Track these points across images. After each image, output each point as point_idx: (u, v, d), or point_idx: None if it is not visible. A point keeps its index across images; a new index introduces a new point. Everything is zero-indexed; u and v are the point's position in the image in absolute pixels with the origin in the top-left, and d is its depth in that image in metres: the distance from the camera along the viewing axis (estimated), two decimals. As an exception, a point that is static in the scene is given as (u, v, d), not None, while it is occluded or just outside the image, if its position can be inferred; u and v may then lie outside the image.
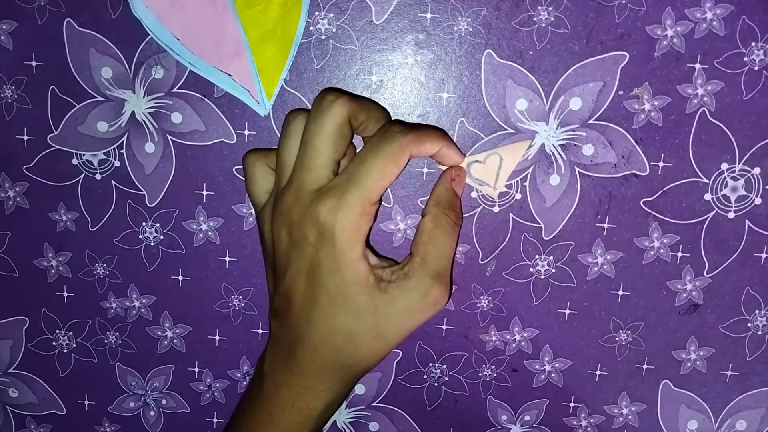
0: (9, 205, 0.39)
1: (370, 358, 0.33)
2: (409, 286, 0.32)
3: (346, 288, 0.32)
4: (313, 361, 0.33)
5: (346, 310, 0.32)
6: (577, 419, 0.41)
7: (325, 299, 0.32)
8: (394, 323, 0.33)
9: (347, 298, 0.32)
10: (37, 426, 0.43)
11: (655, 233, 0.37)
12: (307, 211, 0.31)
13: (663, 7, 0.34)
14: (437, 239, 0.34)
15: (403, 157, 0.31)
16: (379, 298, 0.32)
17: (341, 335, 0.32)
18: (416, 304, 0.32)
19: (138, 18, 0.36)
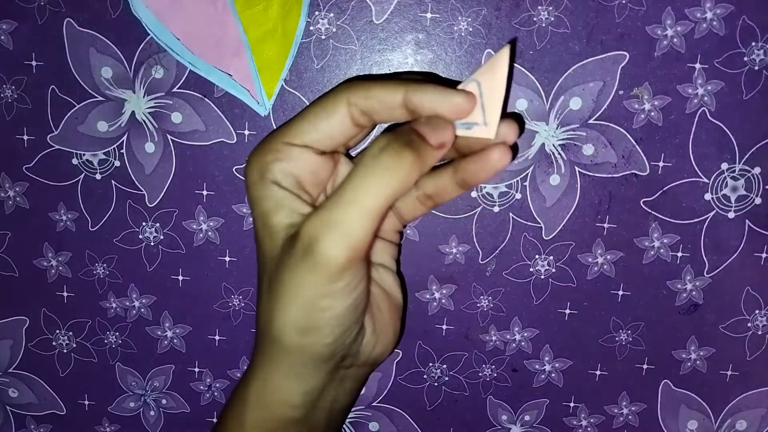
0: (9, 205, 0.39)
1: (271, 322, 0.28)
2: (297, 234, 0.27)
3: (256, 229, 0.29)
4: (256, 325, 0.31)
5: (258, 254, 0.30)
6: (577, 419, 0.41)
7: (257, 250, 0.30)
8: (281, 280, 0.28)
9: (257, 239, 0.29)
10: (37, 426, 0.43)
11: (655, 233, 0.37)
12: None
13: (663, 7, 0.34)
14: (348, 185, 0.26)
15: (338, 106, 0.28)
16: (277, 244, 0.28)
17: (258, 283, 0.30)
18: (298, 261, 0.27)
19: (138, 18, 0.36)
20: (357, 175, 0.26)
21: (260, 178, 0.29)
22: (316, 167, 0.29)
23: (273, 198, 0.28)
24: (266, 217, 0.29)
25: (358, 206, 0.25)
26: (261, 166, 0.29)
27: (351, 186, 0.26)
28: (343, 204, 0.26)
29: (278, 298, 0.28)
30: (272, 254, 0.29)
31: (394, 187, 0.26)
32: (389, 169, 0.26)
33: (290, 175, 0.29)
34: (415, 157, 0.26)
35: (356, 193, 0.26)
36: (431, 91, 0.27)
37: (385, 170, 0.26)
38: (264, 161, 0.29)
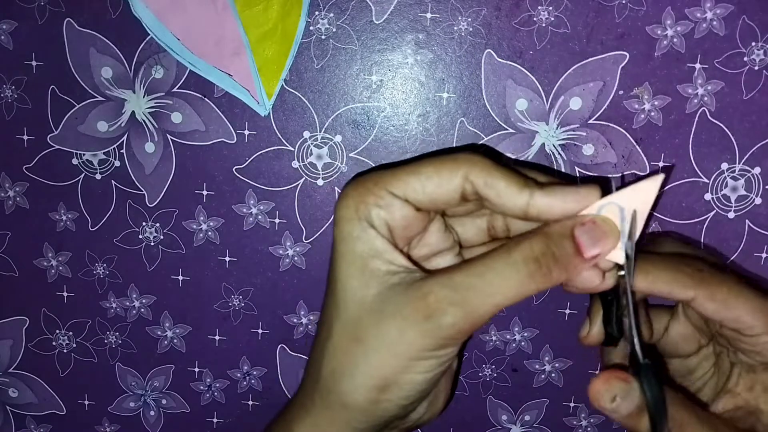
0: (9, 205, 0.39)
1: (342, 371, 0.27)
2: (413, 285, 0.26)
3: (338, 268, 0.28)
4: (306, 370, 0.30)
5: (333, 292, 0.28)
6: (577, 419, 0.41)
7: (326, 288, 0.29)
8: (374, 325, 0.27)
9: (338, 281, 0.28)
10: (37, 426, 0.43)
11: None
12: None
13: (663, 7, 0.34)
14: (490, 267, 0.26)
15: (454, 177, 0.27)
16: (372, 290, 0.27)
17: (324, 329, 0.29)
18: (406, 307, 0.26)
19: (138, 18, 0.36)
20: (505, 270, 0.26)
21: (357, 217, 0.28)
22: (411, 222, 0.28)
23: (369, 242, 0.27)
24: (361, 259, 0.27)
25: (493, 300, 0.25)
26: (359, 207, 0.28)
27: (495, 278, 0.26)
28: (479, 291, 0.26)
29: (369, 349, 0.27)
30: (362, 298, 0.27)
31: (531, 292, 0.26)
32: (534, 278, 0.25)
33: (386, 224, 0.28)
34: (562, 274, 0.26)
35: (496, 287, 0.25)
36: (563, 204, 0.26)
37: (530, 278, 0.25)
38: (364, 202, 0.28)
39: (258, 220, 0.39)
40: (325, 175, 0.38)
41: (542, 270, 0.25)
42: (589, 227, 0.26)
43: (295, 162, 0.38)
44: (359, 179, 0.29)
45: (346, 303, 0.28)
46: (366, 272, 0.27)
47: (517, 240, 0.26)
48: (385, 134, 0.37)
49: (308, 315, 0.40)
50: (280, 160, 0.38)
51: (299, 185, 0.38)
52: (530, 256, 0.26)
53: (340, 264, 0.28)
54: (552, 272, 0.25)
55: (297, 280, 0.39)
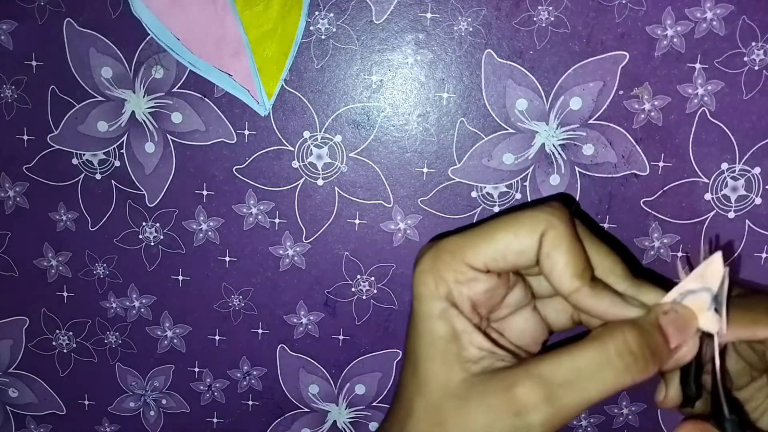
0: (9, 205, 0.39)
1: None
2: (499, 374, 0.25)
3: (419, 347, 0.26)
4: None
5: (413, 371, 0.27)
6: (577, 419, 0.41)
7: (404, 362, 0.28)
8: (458, 413, 0.25)
9: (419, 360, 0.27)
10: (37, 426, 0.43)
11: (655, 233, 0.37)
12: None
13: (663, 7, 0.34)
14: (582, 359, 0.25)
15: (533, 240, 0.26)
16: (456, 375, 0.26)
17: (403, 406, 0.27)
18: (493, 398, 0.25)
19: (138, 18, 0.36)
20: (597, 364, 0.24)
21: (438, 295, 0.26)
22: (493, 291, 0.27)
23: (450, 323, 0.26)
24: (444, 342, 0.26)
25: (586, 396, 0.24)
26: (440, 284, 0.26)
27: (587, 372, 0.24)
28: (573, 387, 0.24)
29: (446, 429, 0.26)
30: (444, 385, 0.26)
31: (626, 386, 0.25)
32: (630, 371, 0.25)
33: (469, 301, 0.27)
34: (657, 366, 0.25)
35: (589, 383, 0.24)
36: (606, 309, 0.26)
37: (626, 372, 0.24)
38: (443, 279, 0.26)
39: (258, 220, 0.39)
40: (325, 175, 0.38)
41: (639, 363, 0.25)
42: (673, 317, 0.26)
43: (295, 162, 0.38)
44: (435, 249, 0.27)
45: (428, 384, 0.26)
46: (449, 356, 0.26)
47: (609, 330, 0.25)
48: (385, 134, 0.37)
49: (308, 315, 0.40)
50: (280, 160, 0.38)
51: (299, 185, 0.38)
52: (626, 349, 0.25)
53: (421, 344, 0.27)
54: (649, 365, 0.25)
55: (297, 280, 0.39)
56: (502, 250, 0.26)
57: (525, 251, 0.26)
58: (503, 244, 0.26)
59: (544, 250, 0.26)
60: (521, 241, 0.26)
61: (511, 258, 0.26)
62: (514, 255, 0.26)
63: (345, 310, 0.40)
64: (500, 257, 0.26)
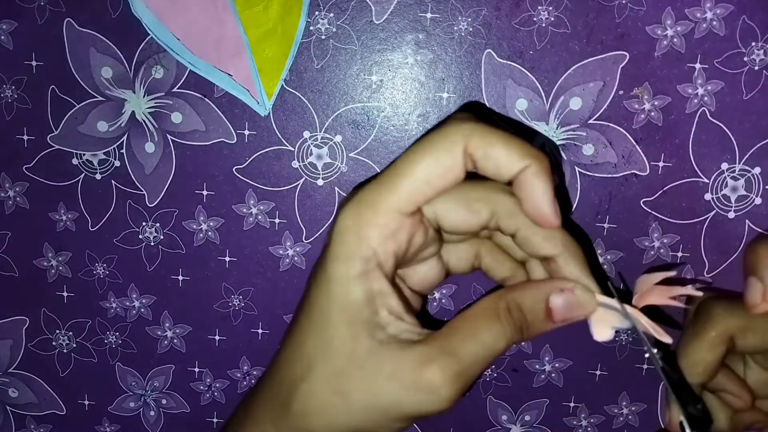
0: (9, 205, 0.39)
1: (318, 416, 0.26)
2: (408, 349, 0.25)
3: (327, 309, 0.26)
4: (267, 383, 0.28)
5: (319, 329, 0.26)
6: (577, 419, 0.41)
7: (302, 318, 0.27)
8: (363, 383, 0.25)
9: (325, 322, 0.26)
10: (37, 426, 0.43)
11: (655, 233, 0.37)
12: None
13: (663, 7, 0.34)
14: (475, 330, 0.26)
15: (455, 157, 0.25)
16: (363, 343, 0.25)
17: (299, 365, 0.27)
18: (404, 373, 0.25)
19: (138, 18, 0.36)
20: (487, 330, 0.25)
21: (359, 255, 0.25)
22: (415, 233, 0.26)
23: (368, 286, 0.25)
24: (356, 306, 0.25)
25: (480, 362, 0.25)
26: (362, 241, 0.25)
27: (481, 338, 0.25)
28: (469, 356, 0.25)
29: (351, 401, 0.25)
30: (352, 351, 0.25)
31: (505, 348, 0.26)
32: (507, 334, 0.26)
33: (393, 255, 0.26)
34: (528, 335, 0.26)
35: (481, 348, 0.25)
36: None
37: (506, 337, 0.26)
38: (367, 236, 0.25)
39: (258, 220, 0.39)
40: (325, 175, 0.38)
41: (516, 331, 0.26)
42: (567, 296, 0.26)
43: (295, 162, 0.38)
44: (355, 202, 0.26)
45: (332, 350, 0.26)
46: (358, 322, 0.25)
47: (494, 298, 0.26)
48: (385, 134, 0.37)
49: (308, 315, 0.40)
50: (280, 160, 0.38)
51: (299, 185, 0.38)
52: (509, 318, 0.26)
53: (331, 306, 0.26)
54: (524, 333, 0.26)
55: (297, 280, 0.39)
56: (426, 179, 0.25)
57: (451, 168, 0.25)
58: (425, 172, 0.25)
59: (478, 154, 0.25)
60: (443, 161, 0.25)
61: (438, 182, 0.25)
62: (439, 178, 0.25)
63: (345, 310, 0.40)
64: (426, 187, 0.25)
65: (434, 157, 0.25)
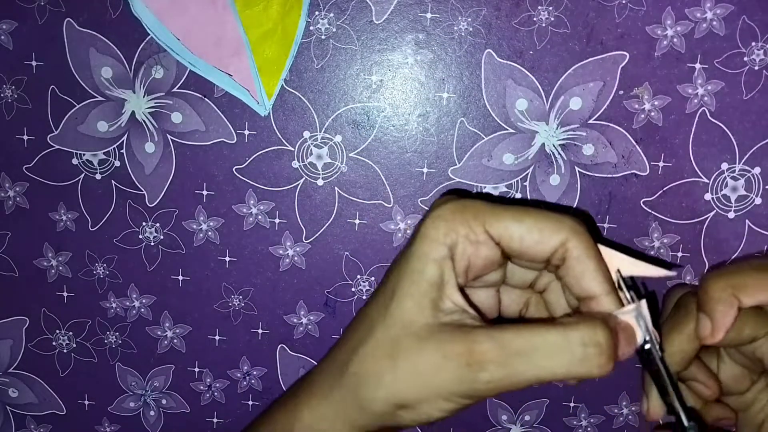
0: (9, 205, 0.39)
1: (368, 379, 0.28)
2: (463, 341, 0.26)
3: (401, 281, 0.28)
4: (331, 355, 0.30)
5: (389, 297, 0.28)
6: (577, 419, 0.41)
7: (377, 290, 0.29)
8: (414, 351, 0.27)
9: (394, 292, 0.28)
10: (37, 426, 0.43)
11: (655, 233, 0.37)
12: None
13: (663, 7, 0.34)
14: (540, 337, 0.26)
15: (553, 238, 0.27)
16: (424, 318, 0.27)
17: (362, 329, 0.29)
18: (453, 364, 0.26)
19: (138, 18, 0.36)
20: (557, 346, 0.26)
21: (443, 242, 0.27)
22: (489, 265, 0.29)
23: (442, 271, 0.27)
24: (427, 284, 0.27)
25: (538, 372, 0.26)
26: (450, 233, 0.27)
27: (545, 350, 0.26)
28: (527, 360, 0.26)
29: (400, 370, 0.27)
30: (409, 321, 0.27)
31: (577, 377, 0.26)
32: (585, 363, 0.26)
33: (467, 260, 0.28)
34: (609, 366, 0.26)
35: (544, 361, 0.26)
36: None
37: (582, 362, 0.26)
38: (455, 231, 0.27)
39: (258, 220, 0.39)
40: (325, 175, 0.38)
41: (599, 357, 0.26)
42: (625, 327, 0.27)
43: (295, 162, 0.38)
44: (459, 203, 0.28)
45: (393, 318, 0.28)
46: (426, 299, 0.27)
47: (577, 320, 0.26)
48: (385, 134, 0.37)
49: (308, 315, 0.40)
50: (280, 160, 0.38)
51: (299, 185, 0.38)
52: (592, 341, 0.26)
53: (405, 280, 0.28)
54: (608, 362, 0.26)
55: (297, 280, 0.39)
56: (523, 233, 0.27)
57: (542, 245, 0.27)
58: (526, 227, 0.27)
59: (572, 255, 0.27)
60: (543, 233, 0.27)
61: (526, 244, 0.27)
62: (532, 242, 0.27)
63: (345, 310, 0.40)
64: (517, 238, 0.27)
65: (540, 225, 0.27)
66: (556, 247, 0.27)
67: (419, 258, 0.28)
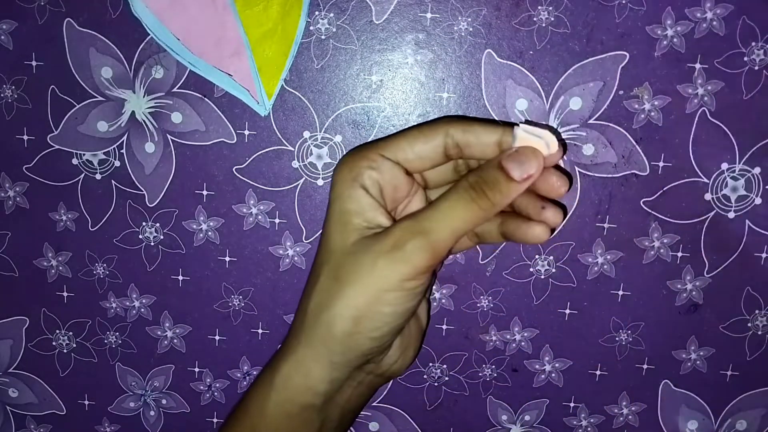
0: (9, 205, 0.39)
1: (325, 310, 0.31)
2: (384, 235, 0.30)
3: (329, 225, 0.32)
4: (295, 316, 0.33)
5: (323, 244, 0.32)
6: (577, 419, 0.41)
7: (321, 245, 0.32)
8: (353, 265, 0.30)
9: (327, 231, 0.32)
10: (37, 426, 0.43)
11: (655, 233, 0.37)
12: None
13: (663, 7, 0.34)
14: (440, 201, 0.30)
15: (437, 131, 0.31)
16: (352, 238, 0.31)
17: (312, 278, 0.32)
18: (382, 255, 0.29)
19: (138, 18, 0.36)
20: (453, 198, 0.30)
21: (350, 179, 0.31)
22: (399, 184, 0.32)
23: (357, 201, 0.31)
24: (347, 215, 0.31)
25: (448, 224, 0.30)
26: (353, 169, 0.31)
27: (446, 206, 0.30)
28: (435, 219, 0.30)
29: (345, 285, 0.30)
30: (342, 248, 0.31)
31: (479, 216, 0.30)
32: (476, 202, 0.30)
33: (377, 184, 0.31)
34: (497, 196, 0.30)
35: (448, 213, 0.30)
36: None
37: (473, 203, 0.30)
38: (358, 165, 0.31)
39: (258, 220, 0.39)
40: (325, 175, 0.38)
41: (480, 195, 0.30)
42: (514, 155, 0.30)
43: (295, 162, 0.38)
44: (354, 149, 0.33)
45: (330, 252, 0.32)
46: (348, 226, 0.31)
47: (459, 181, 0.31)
48: (385, 134, 0.37)
49: (308, 315, 0.40)
50: (280, 160, 0.38)
51: (299, 185, 0.38)
52: (467, 185, 0.30)
53: (330, 220, 0.32)
54: (488, 195, 0.30)
55: (297, 280, 0.39)
56: (411, 142, 0.32)
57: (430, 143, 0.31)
58: (411, 137, 0.32)
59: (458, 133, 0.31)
60: (426, 135, 0.32)
61: (418, 148, 0.32)
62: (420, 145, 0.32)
63: (345, 310, 0.40)
64: (408, 149, 0.32)
65: (421, 131, 0.32)
66: (443, 140, 0.31)
67: (335, 200, 0.32)
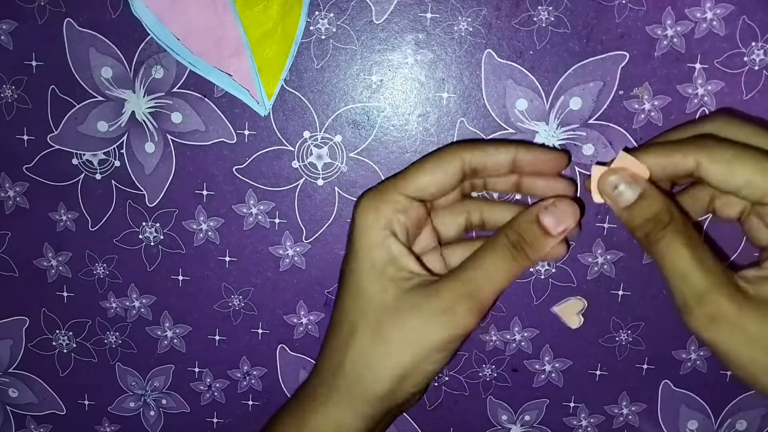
0: (9, 205, 0.39)
1: (368, 369, 0.30)
2: (432, 295, 0.30)
3: (358, 276, 0.31)
4: (320, 364, 0.32)
5: (354, 296, 0.31)
6: (577, 419, 0.41)
7: (340, 296, 0.32)
8: (398, 324, 0.30)
9: (358, 287, 0.31)
10: (37, 426, 0.43)
11: (655, 233, 0.37)
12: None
13: (663, 7, 0.34)
14: (482, 260, 0.31)
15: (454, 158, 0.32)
16: (392, 293, 0.30)
17: (344, 331, 0.31)
18: (433, 317, 0.30)
19: (138, 18, 0.36)
20: (495, 257, 0.30)
21: (379, 227, 0.31)
22: (422, 220, 0.33)
23: (389, 250, 0.31)
24: (381, 265, 0.31)
25: (493, 286, 0.30)
26: (381, 216, 0.31)
27: (490, 265, 0.30)
28: (481, 281, 0.30)
29: (391, 344, 0.30)
30: (381, 303, 0.31)
31: (520, 271, 0.31)
32: (517, 261, 0.30)
33: (405, 228, 0.31)
34: (537, 253, 0.30)
35: (493, 274, 0.30)
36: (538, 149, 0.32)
37: (515, 262, 0.30)
38: (383, 210, 0.31)
39: (258, 220, 0.39)
40: (325, 175, 0.38)
41: (520, 253, 0.30)
42: (551, 210, 0.30)
43: (295, 162, 0.38)
44: (370, 191, 0.32)
45: (367, 306, 0.31)
46: (384, 278, 0.31)
47: (497, 233, 0.31)
48: (385, 134, 0.37)
49: (308, 315, 0.40)
50: (280, 160, 0.38)
51: (299, 185, 0.38)
52: (509, 244, 0.30)
53: (360, 270, 0.31)
54: (527, 253, 0.30)
55: (297, 280, 0.39)
56: (431, 176, 0.31)
57: (449, 172, 0.31)
58: (430, 170, 0.32)
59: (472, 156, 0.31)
60: (444, 164, 0.31)
61: (439, 179, 0.31)
62: (441, 176, 0.31)
63: (345, 310, 0.40)
64: (431, 183, 0.32)
65: (438, 161, 0.32)
66: (460, 166, 0.31)
67: (365, 249, 0.31)
